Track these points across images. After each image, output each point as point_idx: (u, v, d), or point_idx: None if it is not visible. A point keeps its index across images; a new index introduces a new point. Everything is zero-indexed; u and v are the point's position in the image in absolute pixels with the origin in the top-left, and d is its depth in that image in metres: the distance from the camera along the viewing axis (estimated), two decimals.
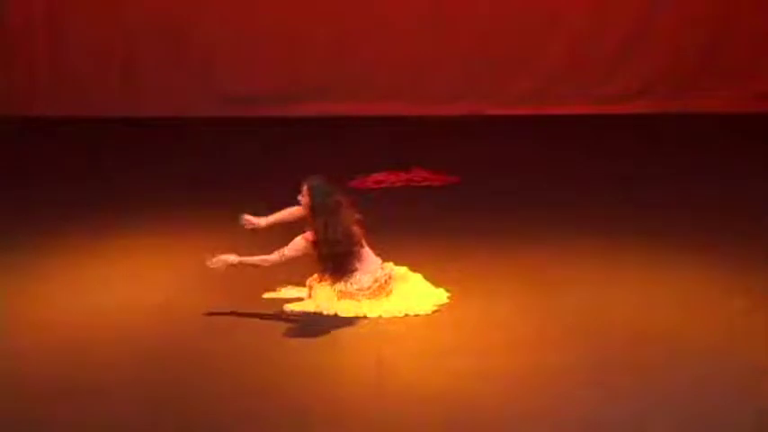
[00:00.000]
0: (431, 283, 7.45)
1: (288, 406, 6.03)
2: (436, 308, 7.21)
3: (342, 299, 7.21)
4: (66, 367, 6.48)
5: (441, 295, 7.35)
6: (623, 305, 7.24)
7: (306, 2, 12.84)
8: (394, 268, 7.42)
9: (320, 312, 7.20)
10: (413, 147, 11.41)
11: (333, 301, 7.22)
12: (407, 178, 10.19)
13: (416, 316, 7.12)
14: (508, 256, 8.15)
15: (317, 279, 7.35)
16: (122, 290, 7.62)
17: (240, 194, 9.46)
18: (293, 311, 7.23)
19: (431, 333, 6.92)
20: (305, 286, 7.40)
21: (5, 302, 7.43)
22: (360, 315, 7.13)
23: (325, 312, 7.19)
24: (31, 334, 6.96)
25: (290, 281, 7.51)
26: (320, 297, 7.27)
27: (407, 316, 7.12)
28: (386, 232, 7.62)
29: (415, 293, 7.30)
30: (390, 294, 7.26)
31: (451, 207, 9.41)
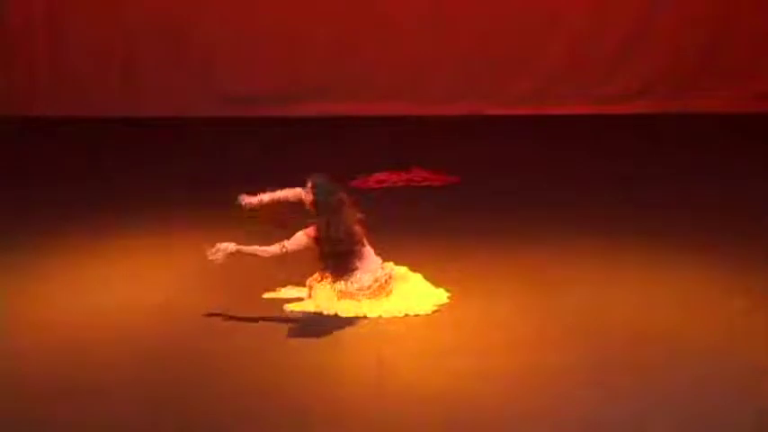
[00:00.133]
0: (431, 283, 7.45)
1: (288, 406, 6.03)
2: (436, 308, 7.21)
3: (342, 298, 7.22)
4: (66, 367, 6.48)
5: (441, 295, 7.35)
6: (623, 305, 7.24)
7: (306, 2, 12.84)
8: (394, 268, 7.42)
9: (320, 312, 7.19)
10: (413, 147, 11.41)
11: (333, 301, 7.22)
12: (407, 178, 10.19)
13: (416, 316, 7.12)
14: (508, 256, 8.15)
15: (317, 279, 7.35)
16: (122, 290, 7.62)
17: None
18: (293, 311, 7.23)
19: (431, 333, 6.92)
20: (305, 286, 7.39)
21: (5, 302, 7.43)
22: (360, 315, 7.13)
23: (325, 312, 7.19)
24: (31, 334, 6.96)
25: (290, 281, 7.51)
26: (320, 297, 7.27)
27: (407, 316, 7.12)
28: (386, 232, 7.61)
29: (415, 293, 7.30)
30: (390, 294, 7.26)
31: (451, 207, 9.41)
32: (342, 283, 7.24)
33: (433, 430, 5.78)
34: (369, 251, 7.31)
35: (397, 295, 7.26)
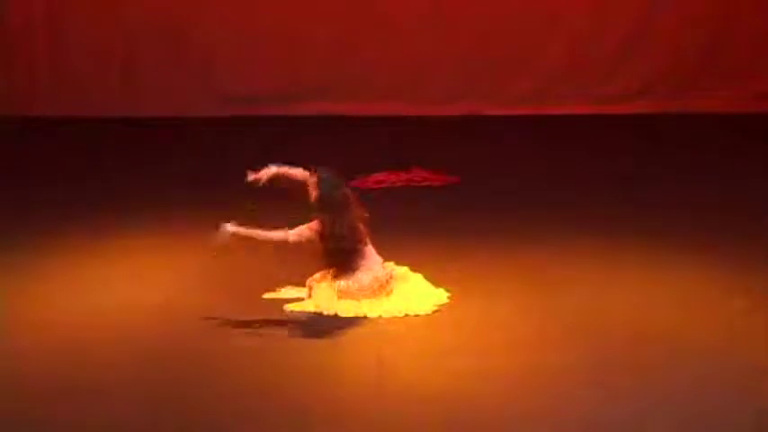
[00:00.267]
0: (431, 283, 7.45)
1: (288, 406, 6.03)
2: (436, 308, 7.21)
3: (342, 298, 7.21)
4: (66, 367, 6.48)
5: (441, 295, 7.34)
6: (623, 305, 7.24)
7: (306, 2, 12.84)
8: (395, 268, 7.42)
9: (320, 312, 7.19)
10: (413, 147, 11.41)
11: (333, 301, 7.22)
12: (407, 178, 10.19)
13: (416, 316, 7.12)
14: (508, 256, 8.15)
15: (317, 279, 7.35)
16: (122, 290, 7.62)
17: (240, 194, 9.45)
18: (293, 311, 7.23)
19: (431, 333, 6.92)
20: (305, 286, 7.39)
21: (5, 302, 7.43)
22: (360, 315, 7.13)
23: (325, 312, 7.19)
24: (31, 334, 6.96)
25: (290, 281, 7.51)
26: (320, 297, 7.26)
27: (407, 316, 7.12)
28: (386, 232, 7.61)
29: (415, 293, 7.30)
30: (391, 294, 7.26)
31: (451, 207, 9.41)
32: (342, 281, 7.24)
33: (433, 430, 5.78)
34: (371, 250, 7.31)
35: (397, 295, 7.26)
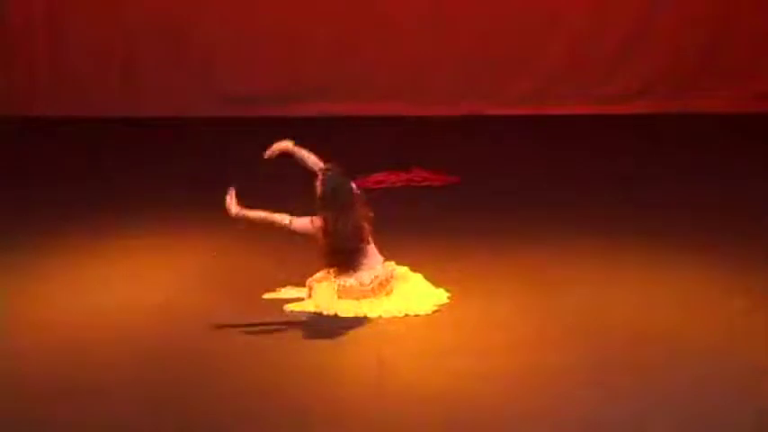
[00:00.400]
0: (431, 283, 7.45)
1: (288, 406, 6.03)
2: (436, 308, 7.21)
3: (342, 296, 7.20)
4: (66, 367, 6.48)
5: (441, 295, 7.34)
6: (623, 305, 7.24)
7: (306, 2, 12.83)
8: (396, 267, 7.41)
9: (320, 312, 7.19)
10: (413, 147, 11.41)
11: (333, 301, 7.22)
12: (407, 178, 10.18)
13: (416, 316, 7.12)
14: (508, 256, 8.15)
15: (317, 279, 7.35)
16: (122, 290, 7.62)
17: (240, 194, 9.45)
18: (293, 311, 7.23)
19: (431, 333, 6.91)
20: (305, 286, 7.39)
21: (5, 302, 7.43)
22: (360, 315, 7.13)
23: (325, 312, 7.18)
24: (31, 334, 6.96)
25: (290, 281, 7.50)
26: (320, 297, 7.26)
27: (407, 316, 7.12)
28: (386, 232, 7.61)
29: (415, 293, 7.30)
30: (391, 294, 7.25)
31: (451, 207, 9.41)
32: (343, 279, 7.23)
33: (433, 430, 5.77)
34: (373, 249, 7.30)
35: (397, 295, 7.26)
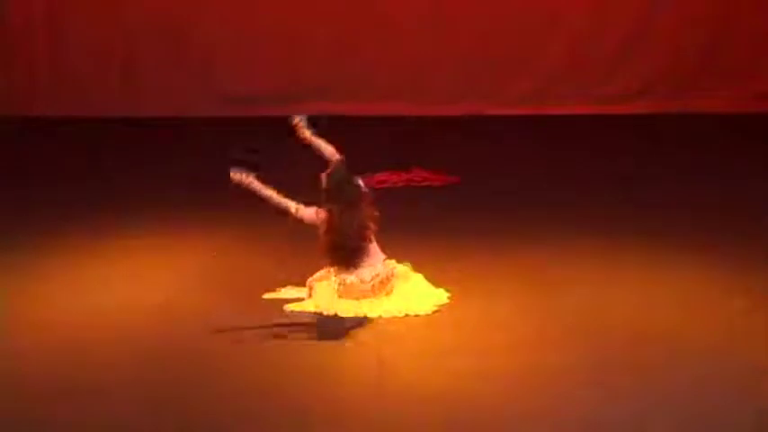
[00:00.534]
0: (431, 283, 7.45)
1: (288, 406, 6.03)
2: (436, 308, 7.21)
3: (342, 293, 7.19)
4: (67, 367, 6.48)
5: (441, 295, 7.34)
6: (623, 305, 7.24)
7: (306, 2, 12.83)
8: (397, 266, 7.40)
9: (320, 312, 7.19)
10: (413, 147, 11.41)
11: (333, 301, 7.22)
12: (407, 178, 10.18)
13: (416, 316, 7.11)
14: (508, 256, 8.14)
15: (317, 279, 7.35)
16: (122, 290, 7.61)
17: (240, 194, 9.45)
18: (293, 311, 7.23)
19: (431, 333, 6.91)
20: (305, 286, 7.39)
21: (5, 302, 7.43)
22: (360, 315, 7.13)
23: (325, 312, 7.18)
24: (31, 334, 6.96)
25: (290, 281, 7.50)
26: (320, 297, 7.26)
27: (407, 316, 7.12)
28: (386, 232, 7.61)
29: (415, 293, 7.30)
30: (391, 293, 7.25)
31: (451, 207, 9.41)
32: (343, 276, 7.22)
33: (433, 430, 5.77)
34: (375, 248, 7.30)
35: (398, 295, 7.26)
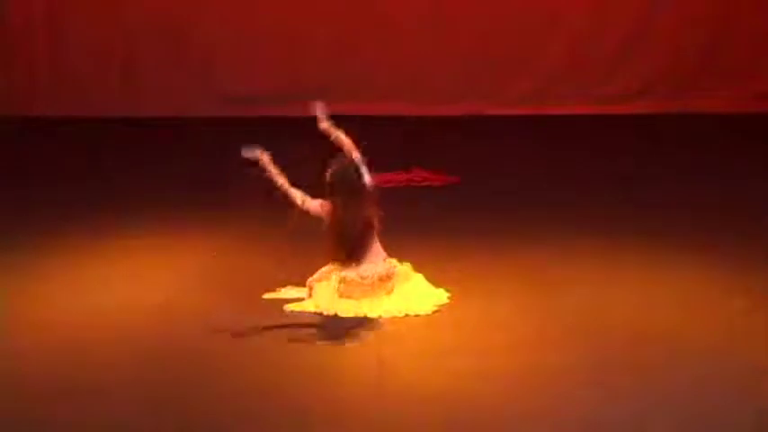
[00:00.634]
0: (431, 283, 7.45)
1: (288, 406, 6.02)
2: (436, 308, 7.20)
3: (342, 289, 7.18)
4: (67, 367, 6.47)
5: (441, 295, 7.34)
6: (623, 305, 7.24)
7: (306, 2, 12.84)
8: (398, 265, 7.40)
9: (320, 312, 7.19)
10: (413, 147, 11.41)
11: (333, 301, 7.21)
12: (407, 178, 10.18)
13: (416, 316, 7.11)
14: (508, 256, 8.14)
15: (317, 279, 7.35)
16: (122, 290, 7.61)
17: (240, 194, 9.46)
18: (293, 311, 7.22)
19: (431, 333, 6.91)
20: (305, 286, 7.39)
21: (5, 302, 7.43)
22: (360, 315, 7.13)
23: (325, 312, 7.18)
24: (31, 334, 6.95)
25: (290, 281, 7.50)
26: (320, 297, 7.26)
27: (407, 316, 7.11)
28: (386, 232, 7.60)
29: (415, 293, 7.29)
30: (392, 293, 7.25)
31: (451, 207, 9.41)
32: (344, 271, 7.22)
33: (433, 430, 5.77)
34: (377, 246, 7.29)
35: (398, 295, 7.25)
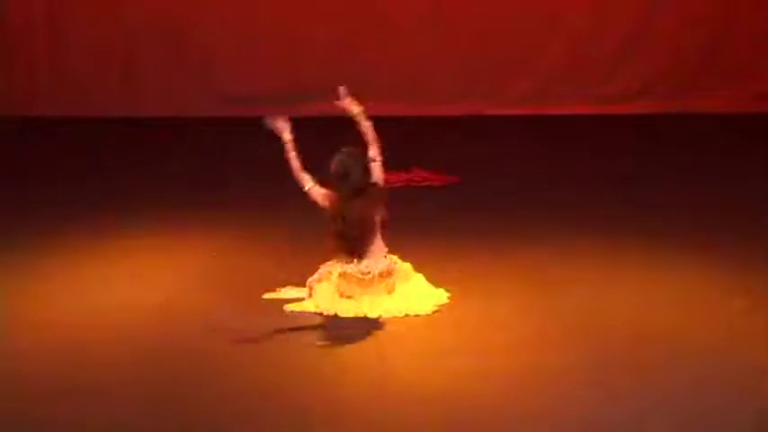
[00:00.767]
0: (431, 283, 7.45)
1: (288, 406, 6.02)
2: (436, 308, 7.20)
3: (341, 283, 7.17)
4: (67, 367, 6.47)
5: (441, 295, 7.34)
6: (623, 305, 7.24)
7: (306, 2, 12.84)
8: (398, 262, 7.39)
9: (320, 312, 7.19)
10: (413, 147, 11.40)
11: (333, 301, 7.21)
12: (407, 178, 10.18)
13: (416, 316, 7.11)
14: (508, 256, 8.14)
15: (317, 279, 7.34)
16: (122, 290, 7.61)
17: (240, 194, 9.46)
18: (293, 311, 7.22)
19: (431, 333, 6.91)
20: (305, 286, 7.38)
21: (5, 302, 7.43)
22: (360, 315, 7.12)
23: (325, 312, 7.18)
24: (31, 334, 6.95)
25: (290, 281, 7.50)
26: (320, 297, 7.25)
27: (407, 316, 7.11)
28: (386, 232, 7.60)
29: (415, 293, 7.29)
30: (392, 291, 7.24)
31: (451, 207, 9.41)
32: (345, 266, 7.21)
33: (433, 430, 5.77)
34: (379, 242, 7.28)
35: (398, 295, 7.25)
